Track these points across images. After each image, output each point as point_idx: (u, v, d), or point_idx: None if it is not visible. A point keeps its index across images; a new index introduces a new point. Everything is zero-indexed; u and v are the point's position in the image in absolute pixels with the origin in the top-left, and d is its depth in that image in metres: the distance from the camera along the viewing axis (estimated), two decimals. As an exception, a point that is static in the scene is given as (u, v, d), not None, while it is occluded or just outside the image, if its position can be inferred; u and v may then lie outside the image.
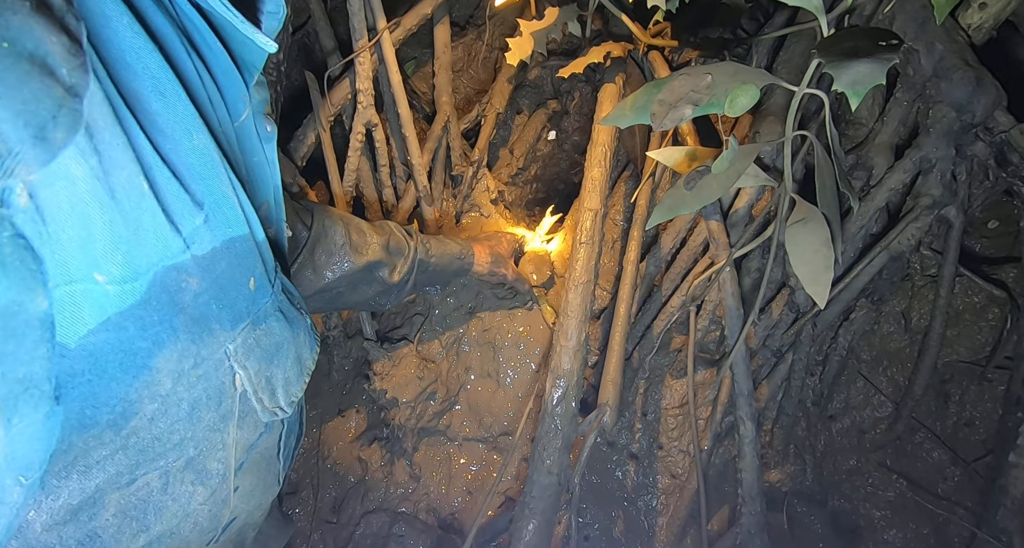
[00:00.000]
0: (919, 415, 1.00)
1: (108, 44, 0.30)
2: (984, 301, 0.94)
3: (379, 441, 1.15)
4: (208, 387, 0.38)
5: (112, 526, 0.36)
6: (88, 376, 0.31)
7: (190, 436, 0.38)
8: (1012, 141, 0.75)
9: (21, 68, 0.23)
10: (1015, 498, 0.78)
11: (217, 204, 0.37)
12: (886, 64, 0.40)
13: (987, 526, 0.81)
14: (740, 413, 0.88)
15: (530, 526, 0.83)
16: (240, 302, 0.40)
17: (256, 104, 0.45)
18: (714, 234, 0.92)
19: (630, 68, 1.01)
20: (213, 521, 0.44)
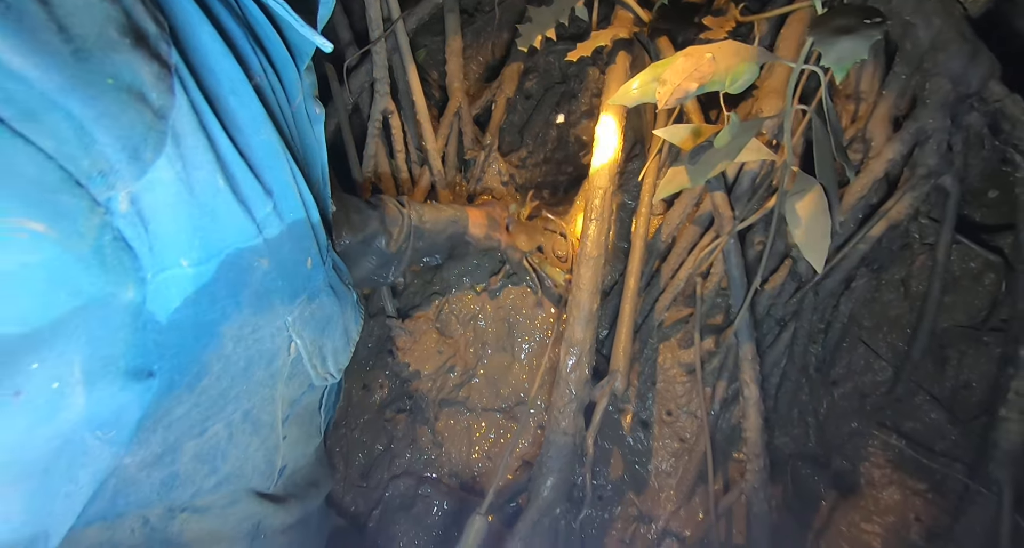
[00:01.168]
0: (918, 378, 1.04)
1: (195, 52, 0.35)
2: (980, 267, 0.98)
3: (403, 412, 1.22)
4: (261, 349, 0.44)
5: (189, 468, 0.42)
6: (175, 348, 0.36)
7: (244, 390, 0.43)
8: (1005, 110, 0.78)
9: (121, 99, 0.27)
10: (1005, 450, 0.83)
11: (283, 191, 0.42)
12: (869, 40, 0.44)
13: (979, 478, 0.86)
14: (745, 377, 0.93)
15: (548, 482, 0.90)
16: (298, 279, 0.45)
17: (306, 87, 0.49)
18: (718, 207, 0.96)
19: (636, 50, 1.04)
20: (269, 466, 0.51)
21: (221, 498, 0.46)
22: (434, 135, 1.15)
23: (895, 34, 0.91)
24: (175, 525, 0.43)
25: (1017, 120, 0.77)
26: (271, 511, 0.49)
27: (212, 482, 0.44)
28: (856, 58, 0.45)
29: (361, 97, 1.15)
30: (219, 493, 0.46)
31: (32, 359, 0.24)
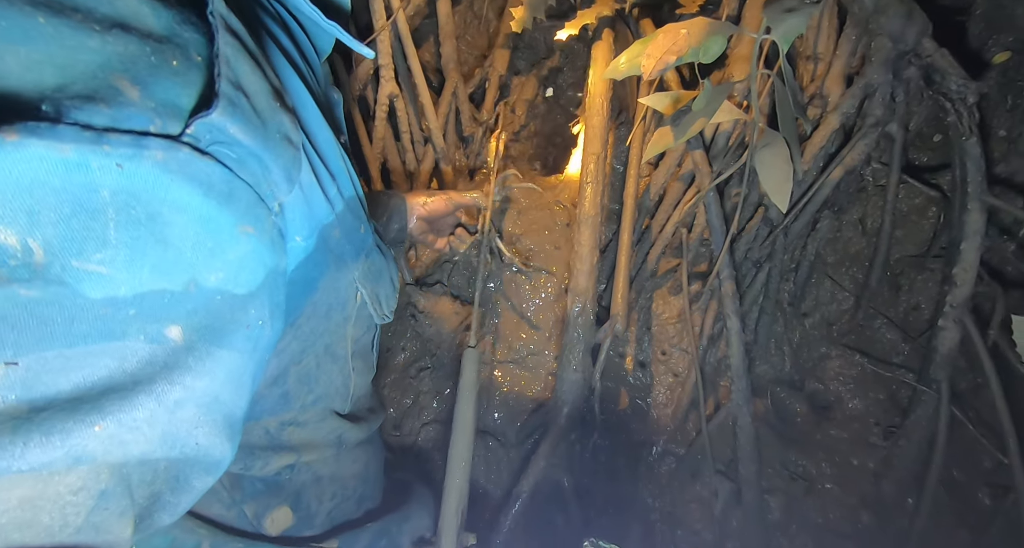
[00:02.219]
0: (875, 304, 1.20)
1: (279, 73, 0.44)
2: (924, 202, 1.12)
3: (426, 369, 1.35)
4: (339, 297, 0.56)
5: (294, 388, 0.55)
6: (293, 298, 0.47)
7: (326, 329, 0.55)
8: (935, 64, 0.91)
9: (282, 144, 0.37)
10: (942, 354, 0.99)
11: (339, 174, 0.52)
12: (808, 17, 0.56)
13: (923, 379, 1.03)
14: (727, 311, 1.07)
15: (564, 411, 1.04)
16: (357, 242, 0.57)
17: (326, 77, 0.59)
18: (698, 164, 1.08)
19: (618, 26, 1.14)
20: (345, 390, 0.63)
21: (315, 415, 0.58)
22: (436, 114, 1.25)
23: (845, 1, 1.03)
24: (285, 434, 0.55)
25: (945, 72, 0.90)
26: (348, 427, 0.61)
27: (310, 399, 0.57)
28: (798, 32, 0.56)
29: (366, 85, 1.24)
30: (314, 410, 0.58)
31: (251, 307, 0.34)
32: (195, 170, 0.21)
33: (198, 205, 0.21)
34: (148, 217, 0.20)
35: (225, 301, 0.27)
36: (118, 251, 0.19)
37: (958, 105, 0.90)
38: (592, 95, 1.12)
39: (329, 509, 0.59)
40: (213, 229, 0.22)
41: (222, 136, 0.21)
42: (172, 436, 0.24)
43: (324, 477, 0.58)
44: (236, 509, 0.51)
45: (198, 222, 0.22)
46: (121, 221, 0.19)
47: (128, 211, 0.19)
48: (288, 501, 0.54)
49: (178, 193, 0.20)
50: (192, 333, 0.24)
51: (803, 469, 1.17)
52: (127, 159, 0.18)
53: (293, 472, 0.54)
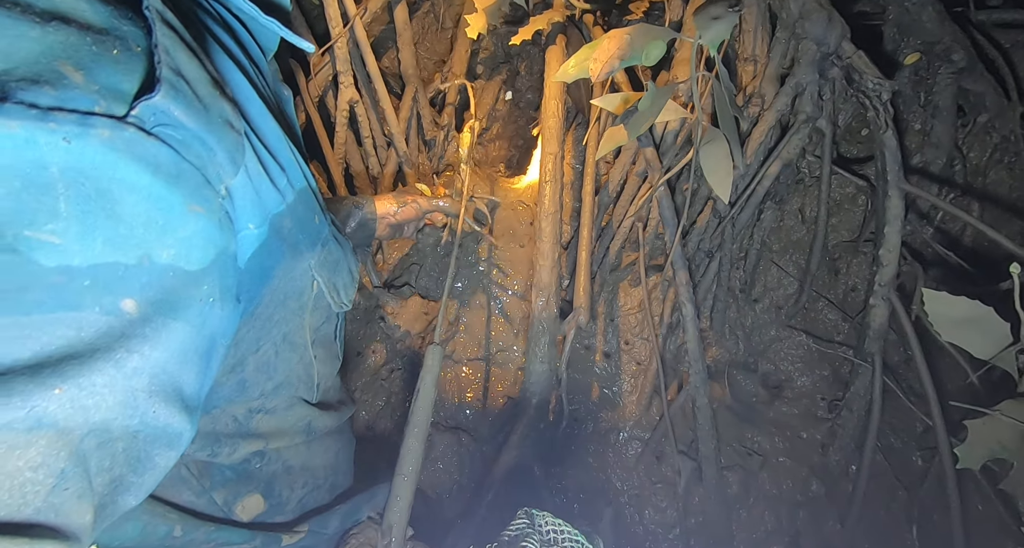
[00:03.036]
0: (817, 288, 1.29)
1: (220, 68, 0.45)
2: (854, 191, 1.22)
3: (397, 371, 1.36)
4: (294, 286, 0.57)
5: (252, 376, 0.56)
6: (248, 286, 0.49)
7: (283, 317, 0.57)
8: (854, 64, 1.00)
9: (224, 128, 0.39)
10: (874, 330, 1.08)
11: (289, 165, 0.54)
12: (731, 24, 0.62)
13: (859, 354, 1.12)
14: (682, 299, 1.14)
15: (532, 402, 1.08)
16: (312, 232, 0.59)
17: (274, 74, 0.61)
18: (649, 161, 1.15)
19: (570, 30, 1.20)
20: (308, 379, 0.64)
21: (281, 402, 0.60)
22: (397, 119, 1.27)
23: (775, 7, 1.11)
24: (253, 422, 0.57)
25: (863, 72, 0.99)
26: (317, 415, 0.63)
27: (270, 387, 0.58)
28: (723, 37, 0.62)
29: (325, 91, 1.25)
30: (278, 397, 0.59)
31: (203, 283, 0.37)
32: (142, 150, 0.23)
33: (147, 184, 0.23)
34: (98, 193, 0.22)
35: (177, 276, 0.29)
36: (69, 223, 0.21)
37: (875, 102, 0.99)
38: (547, 98, 1.17)
39: (300, 497, 0.60)
40: (164, 207, 0.24)
41: (166, 118, 0.23)
42: (131, 404, 0.26)
43: (295, 466, 0.60)
44: (206, 496, 0.52)
45: (148, 200, 0.24)
46: (71, 196, 0.21)
47: (77, 186, 0.21)
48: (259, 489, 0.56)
49: (126, 171, 0.22)
50: (147, 306, 0.26)
51: (758, 445, 1.25)
52: (74, 137, 0.20)
53: (263, 460, 0.56)
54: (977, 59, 1.13)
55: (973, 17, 1.18)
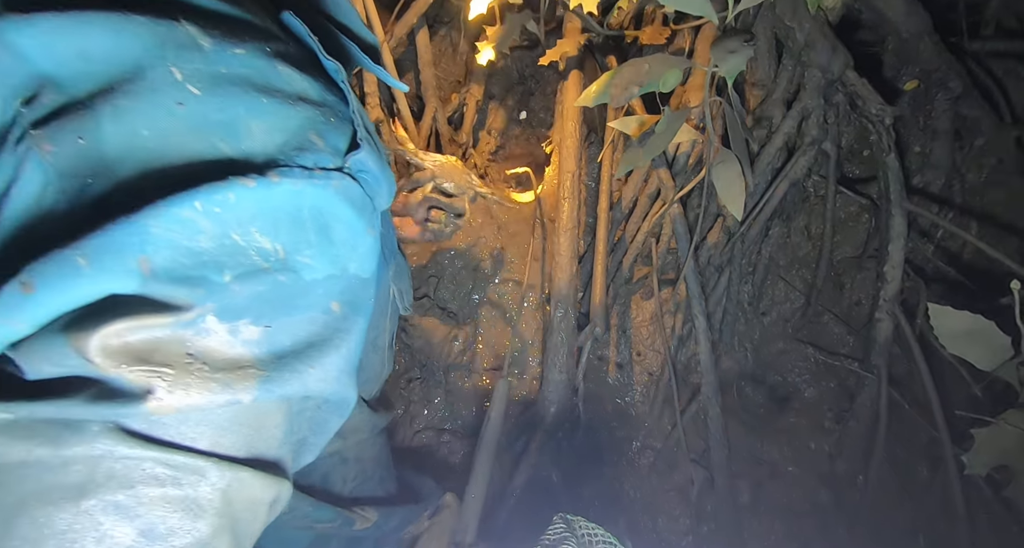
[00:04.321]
0: (823, 302, 1.34)
1: None
2: (858, 210, 1.28)
3: (416, 380, 1.40)
4: (383, 293, 0.64)
5: None
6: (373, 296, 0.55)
7: (375, 321, 0.63)
8: (858, 91, 1.06)
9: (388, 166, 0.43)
10: (879, 343, 1.13)
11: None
12: (746, 57, 0.67)
13: (865, 366, 1.16)
14: (694, 311, 1.18)
15: (551, 411, 1.12)
16: (391, 243, 0.65)
17: None
18: (663, 181, 1.20)
19: (586, 57, 1.26)
20: (379, 378, 0.70)
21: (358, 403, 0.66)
22: (418, 137, 1.33)
23: (781, 36, 1.18)
24: None
25: (866, 98, 1.05)
26: (375, 415, 0.68)
27: (360, 379, 0.64)
28: (739, 69, 0.68)
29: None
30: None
31: (370, 288, 0.40)
32: (350, 191, 0.29)
33: (349, 216, 0.29)
34: (326, 225, 0.28)
35: (359, 283, 0.35)
36: (315, 249, 0.28)
37: (878, 126, 1.05)
38: (565, 119, 1.23)
39: (351, 488, 0.65)
40: (355, 232, 0.30)
41: (363, 166, 0.28)
42: (337, 380, 0.32)
43: (350, 459, 0.64)
44: None
45: (348, 227, 0.30)
46: (313, 228, 0.27)
47: (316, 220, 0.27)
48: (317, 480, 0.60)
49: (341, 208, 0.28)
50: (345, 306, 0.32)
51: (767, 455, 1.28)
52: (320, 186, 0.26)
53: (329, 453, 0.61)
54: (972, 86, 1.19)
55: (967, 46, 1.25)
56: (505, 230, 1.40)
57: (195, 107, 0.24)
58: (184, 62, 0.24)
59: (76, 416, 0.22)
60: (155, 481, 0.23)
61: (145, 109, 0.23)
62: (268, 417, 0.29)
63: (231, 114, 0.25)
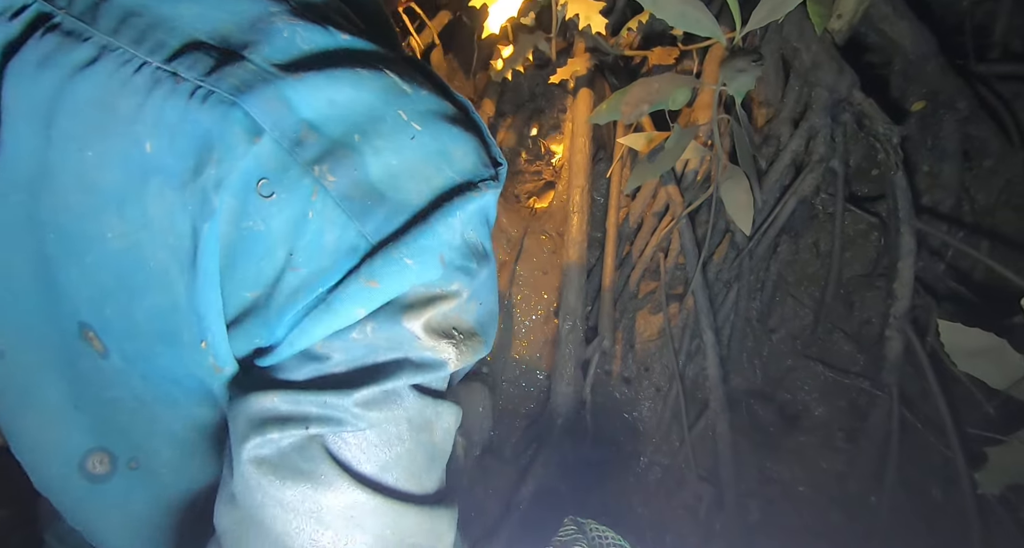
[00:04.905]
0: (832, 320, 1.34)
1: None
2: (867, 228, 1.28)
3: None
4: None
5: None
6: None
7: None
8: (865, 110, 1.08)
9: None
10: (890, 361, 1.12)
11: None
12: (755, 76, 0.69)
13: (876, 385, 1.15)
14: (703, 325, 1.18)
15: (558, 423, 1.11)
16: None
17: None
18: (671, 196, 1.22)
19: (596, 76, 1.29)
20: None
21: None
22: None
23: (788, 57, 1.20)
24: None
25: (873, 117, 1.07)
26: None
27: None
28: (749, 87, 0.70)
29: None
30: None
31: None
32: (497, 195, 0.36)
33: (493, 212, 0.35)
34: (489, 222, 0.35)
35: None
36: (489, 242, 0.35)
37: (885, 145, 1.06)
38: (575, 136, 1.25)
39: None
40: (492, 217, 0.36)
41: (502, 176, 0.33)
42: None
43: None
44: None
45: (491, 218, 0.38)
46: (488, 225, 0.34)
47: (489, 219, 0.34)
48: None
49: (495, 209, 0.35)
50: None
51: (777, 474, 1.27)
52: (494, 193, 0.32)
53: None
54: (980, 107, 1.20)
55: (975, 69, 1.27)
56: (514, 243, 1.42)
57: (421, 140, 0.30)
58: (403, 105, 0.30)
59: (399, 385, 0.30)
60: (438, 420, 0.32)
61: (392, 144, 0.30)
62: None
63: (441, 143, 0.31)
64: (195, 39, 0.29)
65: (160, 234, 0.29)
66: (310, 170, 0.28)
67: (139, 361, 0.33)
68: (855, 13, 1.12)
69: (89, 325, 0.33)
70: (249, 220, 0.28)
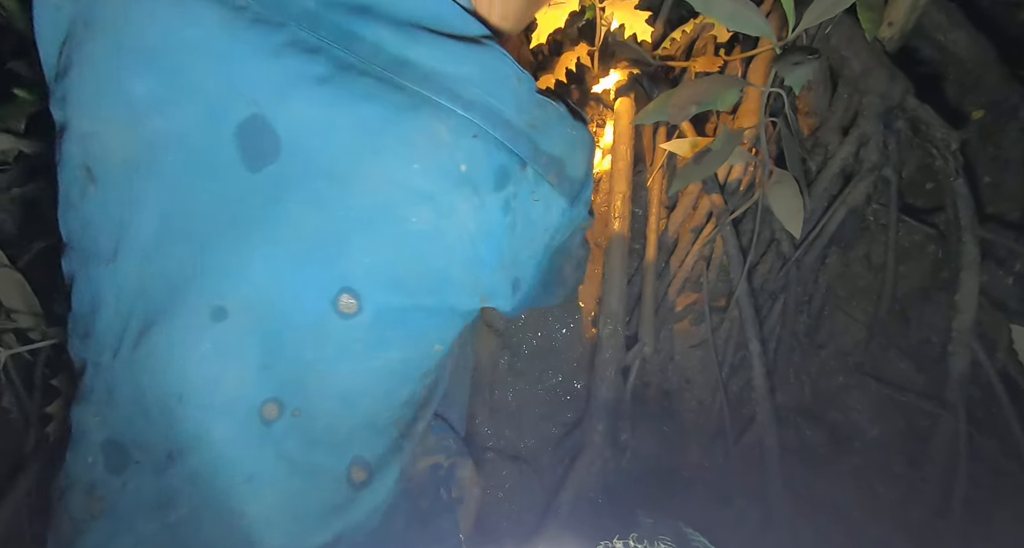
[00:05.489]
0: (888, 336, 1.27)
1: None
2: (923, 240, 1.23)
3: (458, 396, 1.40)
4: None
5: None
6: None
7: None
8: (919, 116, 1.05)
9: None
10: (954, 378, 1.05)
11: None
12: (812, 68, 0.69)
13: (939, 405, 1.08)
14: (748, 335, 1.15)
15: (598, 428, 1.09)
16: None
17: None
18: (714, 203, 1.21)
19: (637, 85, 1.31)
20: None
21: None
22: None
23: (836, 65, 1.19)
24: None
25: (929, 123, 1.04)
26: None
27: None
28: (807, 78, 0.70)
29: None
30: None
31: None
32: None
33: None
34: None
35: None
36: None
37: (943, 151, 1.03)
38: (616, 143, 1.27)
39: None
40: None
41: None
42: None
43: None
44: None
45: None
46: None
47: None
48: None
49: None
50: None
51: (830, 497, 1.19)
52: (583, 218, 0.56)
53: None
54: (1045, 115, 1.16)
55: (1036, 77, 1.22)
56: (554, 250, 1.43)
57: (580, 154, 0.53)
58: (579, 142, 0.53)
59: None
60: None
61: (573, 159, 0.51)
62: None
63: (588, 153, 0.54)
64: (476, 100, 0.43)
65: (460, 222, 0.44)
66: (547, 179, 0.48)
67: (392, 315, 0.44)
68: (907, 21, 1.11)
69: (351, 289, 0.43)
70: (532, 215, 0.48)
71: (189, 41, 0.39)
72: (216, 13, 0.39)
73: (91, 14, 0.40)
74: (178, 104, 0.40)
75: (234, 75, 0.39)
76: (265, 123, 0.40)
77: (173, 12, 0.39)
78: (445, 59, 0.43)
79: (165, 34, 0.39)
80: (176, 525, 0.43)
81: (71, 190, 0.44)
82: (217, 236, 0.41)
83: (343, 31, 0.41)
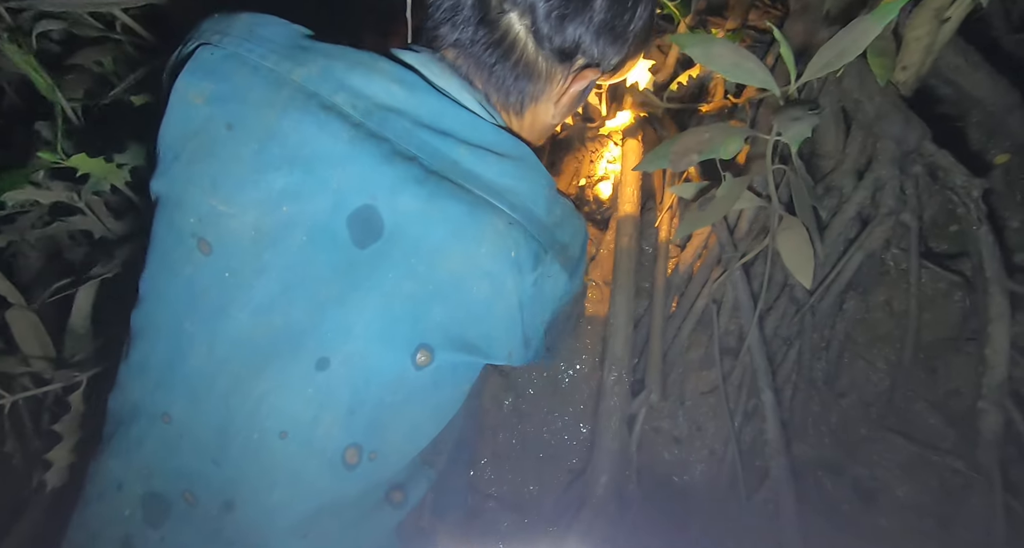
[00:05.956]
0: (913, 387, 1.20)
1: None
2: (948, 287, 1.17)
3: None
4: None
5: None
6: None
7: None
8: (937, 162, 1.02)
9: None
10: (987, 438, 0.98)
11: None
12: (811, 124, 0.68)
13: (971, 465, 1.01)
14: (761, 384, 1.10)
15: (601, 481, 1.05)
16: None
17: None
18: (724, 246, 1.18)
19: (645, 127, 1.31)
20: None
21: None
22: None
23: (849, 109, 1.17)
24: None
25: (947, 169, 1.00)
26: None
27: None
28: (804, 136, 0.68)
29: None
30: None
31: None
32: None
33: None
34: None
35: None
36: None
37: (965, 198, 0.99)
38: (623, 185, 1.26)
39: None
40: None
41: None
42: None
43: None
44: None
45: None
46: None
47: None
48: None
49: None
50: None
51: (854, 561, 1.11)
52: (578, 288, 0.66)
53: None
54: (1075, 159, 1.10)
55: (1064, 119, 1.17)
56: (561, 290, 1.41)
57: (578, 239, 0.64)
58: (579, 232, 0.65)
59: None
60: None
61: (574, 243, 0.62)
62: None
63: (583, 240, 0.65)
64: (519, 204, 0.55)
65: (506, 292, 0.54)
66: (559, 261, 0.57)
67: (448, 365, 0.54)
68: (922, 64, 1.08)
69: (427, 345, 0.53)
70: (547, 289, 0.58)
71: (324, 148, 0.51)
72: (343, 127, 0.51)
73: (236, 120, 0.51)
74: (310, 195, 0.51)
75: (356, 175, 0.51)
76: (374, 211, 0.51)
77: (314, 125, 0.50)
78: (501, 174, 0.55)
79: (305, 142, 0.50)
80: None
81: (173, 254, 0.53)
82: (328, 298, 0.51)
83: (430, 147, 0.53)
